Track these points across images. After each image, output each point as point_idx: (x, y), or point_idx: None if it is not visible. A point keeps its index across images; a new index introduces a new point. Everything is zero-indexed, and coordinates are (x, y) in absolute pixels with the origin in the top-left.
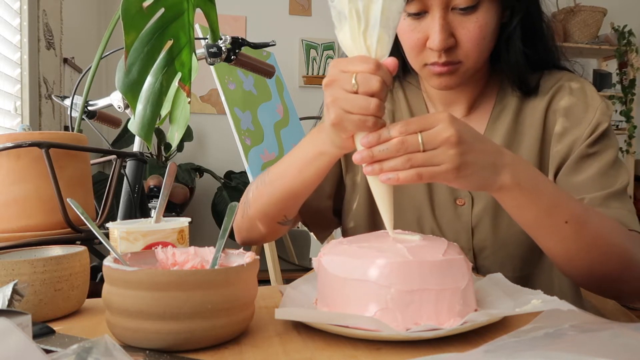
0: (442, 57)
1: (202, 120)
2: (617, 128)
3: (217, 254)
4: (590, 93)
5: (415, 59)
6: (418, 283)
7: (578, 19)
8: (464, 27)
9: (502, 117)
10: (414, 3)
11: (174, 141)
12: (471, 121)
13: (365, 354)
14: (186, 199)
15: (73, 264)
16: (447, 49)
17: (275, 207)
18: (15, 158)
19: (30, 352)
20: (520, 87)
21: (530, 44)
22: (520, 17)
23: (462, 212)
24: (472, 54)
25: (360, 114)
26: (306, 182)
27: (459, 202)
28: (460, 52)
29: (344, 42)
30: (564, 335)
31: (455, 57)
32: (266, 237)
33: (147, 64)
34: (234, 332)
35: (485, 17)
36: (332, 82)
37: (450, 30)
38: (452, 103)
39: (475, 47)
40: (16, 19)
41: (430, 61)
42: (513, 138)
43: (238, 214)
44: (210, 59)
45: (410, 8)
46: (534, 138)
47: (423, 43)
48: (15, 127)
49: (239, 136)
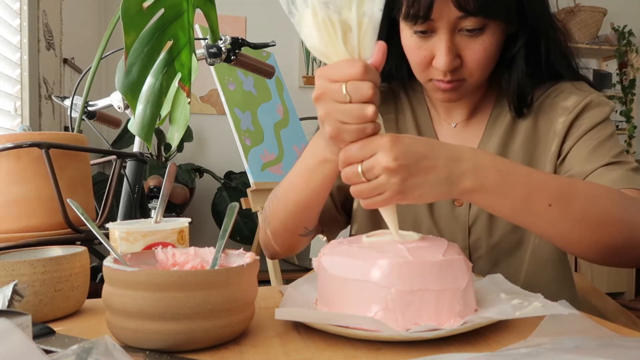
0: (448, 76)
1: (202, 121)
2: (617, 128)
3: (217, 255)
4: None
5: (421, 74)
6: (418, 283)
7: (578, 19)
8: (469, 48)
9: (500, 119)
10: (421, 24)
11: (174, 141)
12: (471, 125)
13: (365, 354)
14: (186, 200)
15: (73, 264)
16: (453, 69)
17: (292, 220)
18: (15, 158)
19: (30, 352)
20: (518, 105)
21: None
22: (524, 40)
23: (459, 212)
24: (476, 73)
25: (357, 123)
26: (316, 191)
27: (457, 203)
28: (465, 71)
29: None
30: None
31: (459, 75)
32: (292, 249)
33: (147, 64)
34: (234, 333)
35: (491, 40)
36: (322, 94)
37: (456, 51)
38: (454, 109)
39: (479, 68)
40: (16, 19)
41: (436, 78)
42: (509, 140)
43: (261, 231)
44: (210, 60)
45: (418, 27)
46: (526, 143)
47: (429, 61)
48: (15, 127)
49: (239, 136)
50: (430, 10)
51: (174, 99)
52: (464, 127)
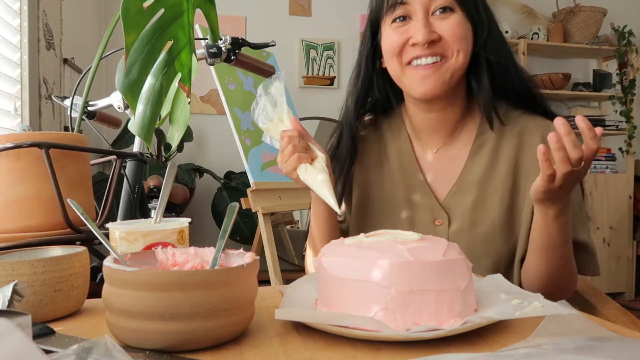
0: (426, 49)
1: (202, 121)
2: (617, 128)
3: (217, 255)
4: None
5: (399, 59)
6: (418, 283)
7: (578, 19)
8: (444, 25)
9: (483, 150)
10: (399, 8)
11: (174, 141)
12: (452, 151)
13: (365, 354)
14: (186, 199)
15: (73, 264)
16: (430, 41)
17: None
18: (15, 158)
19: (30, 352)
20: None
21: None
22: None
23: (440, 231)
24: (454, 46)
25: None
26: (325, 223)
27: (437, 223)
28: (443, 44)
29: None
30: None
31: (438, 49)
32: None
33: (147, 64)
34: (234, 333)
35: (461, 21)
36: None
37: (432, 29)
38: (434, 131)
39: (456, 41)
40: (16, 19)
41: (414, 54)
42: (492, 168)
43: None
44: (210, 59)
45: (396, 13)
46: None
47: (406, 41)
48: (15, 127)
49: (238, 136)
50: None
51: (174, 99)
52: (445, 153)
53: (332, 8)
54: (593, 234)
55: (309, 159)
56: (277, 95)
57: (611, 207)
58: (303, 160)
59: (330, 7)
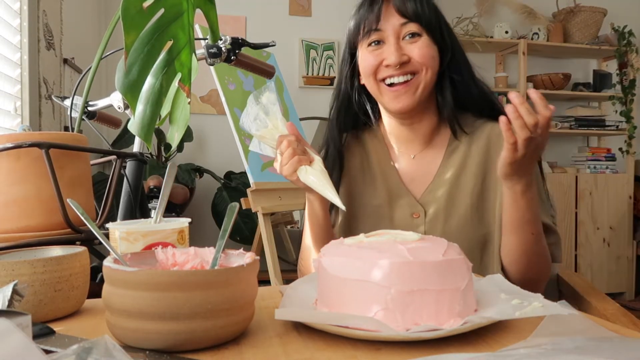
0: (398, 69)
1: (202, 121)
2: (617, 129)
3: (217, 255)
4: None
5: (374, 77)
6: (418, 283)
7: (578, 19)
8: (413, 47)
9: (455, 153)
10: (374, 34)
11: (174, 141)
12: (428, 156)
13: (365, 354)
14: (186, 200)
15: (73, 264)
16: (402, 63)
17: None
18: (15, 158)
19: (30, 352)
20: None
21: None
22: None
23: (418, 223)
24: (424, 64)
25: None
26: (321, 226)
27: (414, 216)
28: (414, 63)
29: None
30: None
31: (409, 67)
32: None
33: (147, 64)
34: (234, 333)
35: (429, 44)
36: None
37: (402, 52)
38: (411, 140)
39: (425, 60)
40: (16, 19)
41: (388, 74)
42: (463, 167)
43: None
44: (210, 60)
45: (371, 38)
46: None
47: (380, 62)
48: (15, 127)
49: (238, 137)
50: (378, 22)
51: (174, 99)
52: (422, 158)
53: (332, 8)
54: (593, 234)
55: (308, 161)
56: (268, 104)
57: (611, 207)
58: (303, 162)
59: (330, 7)
